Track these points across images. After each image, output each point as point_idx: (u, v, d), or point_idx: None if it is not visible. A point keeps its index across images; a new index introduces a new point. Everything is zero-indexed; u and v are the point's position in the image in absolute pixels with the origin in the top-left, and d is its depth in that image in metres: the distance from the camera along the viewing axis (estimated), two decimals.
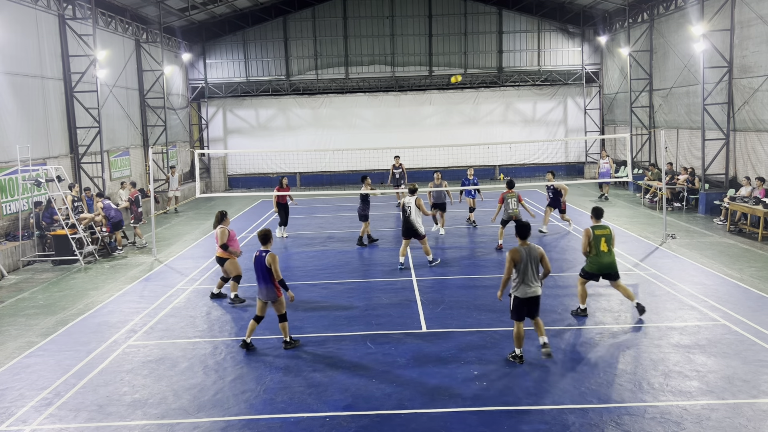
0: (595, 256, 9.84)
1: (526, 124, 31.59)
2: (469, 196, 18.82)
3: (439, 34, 31.06)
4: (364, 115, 31.61)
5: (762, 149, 18.03)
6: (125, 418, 7.26)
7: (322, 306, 11.31)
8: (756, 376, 7.79)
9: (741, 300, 10.80)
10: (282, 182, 17.71)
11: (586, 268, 10.07)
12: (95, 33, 19.80)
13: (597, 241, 9.78)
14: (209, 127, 31.91)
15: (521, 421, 6.89)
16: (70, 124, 19.49)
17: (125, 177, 23.26)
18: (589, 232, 9.84)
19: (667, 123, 24.28)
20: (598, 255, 9.82)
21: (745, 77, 18.65)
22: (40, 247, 16.10)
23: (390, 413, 7.15)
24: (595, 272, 9.97)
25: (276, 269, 8.89)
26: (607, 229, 9.90)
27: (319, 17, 30.91)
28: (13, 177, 16.28)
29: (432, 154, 30.01)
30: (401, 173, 22.04)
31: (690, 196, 20.40)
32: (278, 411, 7.30)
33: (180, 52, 29.46)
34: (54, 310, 11.61)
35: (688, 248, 14.83)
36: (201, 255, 15.99)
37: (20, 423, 7.24)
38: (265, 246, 9.15)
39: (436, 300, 11.40)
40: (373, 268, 14.14)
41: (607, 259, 9.84)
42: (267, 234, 9.22)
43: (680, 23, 22.36)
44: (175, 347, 9.48)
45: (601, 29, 29.92)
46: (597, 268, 9.92)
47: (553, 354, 8.61)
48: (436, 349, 8.99)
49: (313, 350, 9.15)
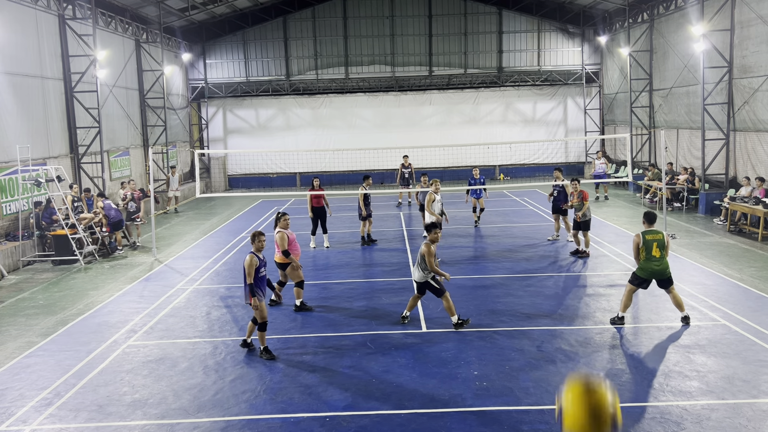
0: (645, 260, 9.55)
1: (526, 124, 31.58)
2: (474, 196, 18.53)
3: (439, 34, 31.05)
4: (364, 115, 31.61)
5: (762, 149, 18.03)
6: (125, 418, 7.26)
7: (322, 306, 11.30)
8: (756, 376, 7.78)
9: (741, 300, 10.80)
10: (313, 183, 16.01)
11: (637, 272, 9.73)
12: (95, 33, 19.80)
13: (649, 246, 9.52)
14: (209, 127, 31.91)
15: (521, 421, 6.89)
16: (70, 124, 19.49)
17: (125, 177, 23.26)
18: (639, 237, 9.57)
19: (667, 123, 24.27)
20: (648, 260, 9.53)
21: (745, 77, 18.64)
22: (40, 247, 16.10)
23: (390, 413, 7.15)
24: (645, 278, 9.64)
25: (247, 271, 8.67)
26: (659, 234, 9.62)
27: (319, 17, 30.91)
28: (13, 177, 16.28)
29: (432, 154, 30.00)
30: (410, 173, 21.88)
31: (690, 196, 20.40)
32: (278, 411, 7.30)
33: (180, 52, 29.46)
34: (54, 310, 11.61)
35: (688, 248, 14.83)
36: (201, 255, 15.99)
37: (20, 423, 7.24)
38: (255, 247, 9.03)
39: (436, 300, 11.38)
40: (373, 268, 14.14)
41: (659, 265, 9.53)
42: (254, 234, 9.11)
43: (680, 23, 22.35)
44: (175, 347, 9.48)
45: (601, 29, 29.92)
46: (648, 273, 9.60)
47: (553, 354, 8.62)
48: (436, 349, 8.99)
49: (313, 350, 9.15)
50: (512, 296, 11.46)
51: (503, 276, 12.91)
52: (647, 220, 9.87)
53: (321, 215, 15.97)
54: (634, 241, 9.64)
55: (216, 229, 19.75)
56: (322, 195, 15.82)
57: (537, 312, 10.43)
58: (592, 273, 12.96)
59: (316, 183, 16.02)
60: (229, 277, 13.70)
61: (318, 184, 15.99)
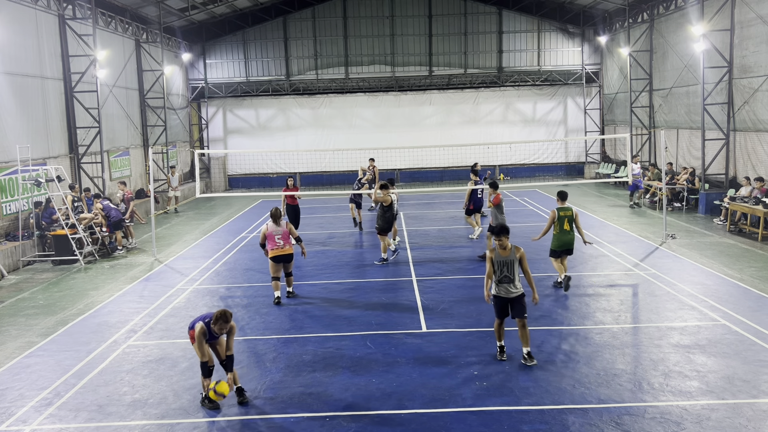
0: (559, 233, 11.32)
1: (526, 124, 31.58)
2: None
3: (439, 34, 31.05)
4: (364, 115, 31.61)
5: (762, 149, 18.03)
6: (125, 418, 7.26)
7: (322, 306, 11.31)
8: (756, 376, 7.78)
9: (741, 300, 10.80)
10: (287, 183, 17.18)
11: (553, 247, 11.49)
12: (95, 33, 19.80)
13: (561, 221, 11.30)
14: (209, 127, 31.91)
15: (521, 421, 6.89)
16: (70, 124, 19.49)
17: (125, 177, 23.28)
18: (554, 213, 11.33)
19: (667, 123, 24.28)
20: (561, 233, 11.32)
21: (745, 77, 18.64)
22: (40, 247, 16.10)
23: (390, 413, 7.15)
24: (558, 249, 11.42)
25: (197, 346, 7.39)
26: (570, 211, 11.37)
27: (319, 17, 30.90)
28: (13, 177, 16.28)
29: (432, 154, 30.01)
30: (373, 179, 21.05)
31: (690, 196, 20.40)
32: (278, 411, 7.30)
33: (180, 52, 29.46)
34: (54, 310, 11.60)
35: (688, 248, 14.83)
36: (201, 255, 15.99)
37: (20, 423, 7.24)
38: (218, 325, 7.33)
39: (436, 300, 11.40)
40: (373, 268, 14.14)
41: (567, 237, 11.34)
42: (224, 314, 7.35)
43: (680, 23, 22.35)
44: (175, 347, 9.48)
45: (601, 29, 29.92)
46: (559, 244, 11.37)
47: (554, 354, 8.62)
48: (436, 349, 8.99)
49: (313, 350, 9.15)
50: None
51: None
52: (560, 197, 11.62)
53: (295, 213, 17.17)
54: (551, 215, 11.43)
55: (216, 229, 19.75)
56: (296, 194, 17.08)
57: (537, 312, 10.42)
58: (592, 273, 12.96)
59: (290, 182, 17.20)
60: (229, 277, 13.70)
61: (292, 184, 17.19)
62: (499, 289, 8.38)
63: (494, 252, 8.37)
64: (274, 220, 11.46)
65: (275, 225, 11.46)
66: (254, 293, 12.21)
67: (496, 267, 8.32)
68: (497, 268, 8.32)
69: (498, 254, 8.34)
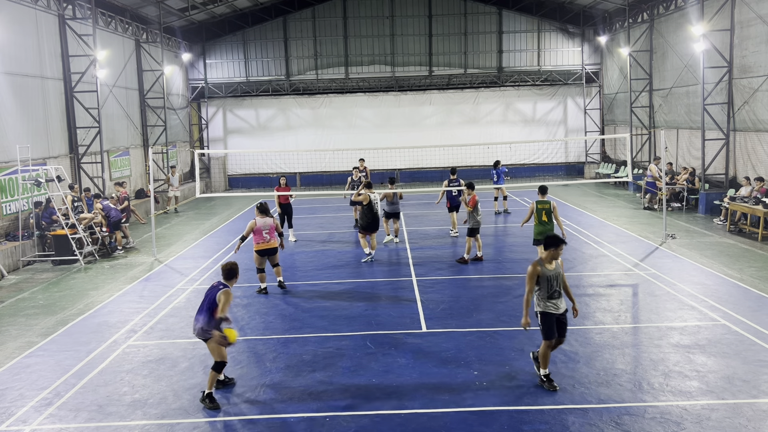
0: (539, 224, 12.32)
1: (526, 124, 31.58)
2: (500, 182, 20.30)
3: (439, 34, 31.05)
4: (364, 115, 31.61)
5: (762, 149, 18.03)
6: (125, 418, 7.26)
7: (322, 306, 11.31)
8: (756, 376, 7.78)
9: (741, 300, 10.80)
10: (280, 182, 17.37)
11: (534, 236, 12.50)
12: (95, 33, 19.80)
13: (539, 213, 12.30)
14: (209, 127, 31.91)
15: (521, 421, 6.89)
16: (70, 124, 19.49)
17: (125, 177, 23.29)
18: (534, 205, 12.39)
19: (667, 123, 24.28)
20: (541, 224, 12.30)
21: (745, 77, 18.64)
22: (40, 247, 16.10)
23: (390, 413, 7.15)
24: (539, 237, 12.23)
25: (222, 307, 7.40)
26: (548, 204, 12.31)
27: (319, 17, 30.91)
28: (13, 177, 16.28)
29: (432, 154, 30.01)
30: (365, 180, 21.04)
31: (690, 196, 20.40)
32: (278, 411, 7.30)
33: (180, 52, 29.46)
34: (54, 310, 11.61)
35: (688, 248, 14.83)
36: (201, 255, 15.99)
37: (20, 423, 7.24)
38: (228, 281, 7.82)
39: (436, 300, 11.40)
40: (373, 267, 14.14)
41: (546, 227, 12.21)
42: (232, 269, 7.86)
43: (680, 23, 22.35)
44: (175, 347, 9.48)
45: (601, 29, 29.92)
46: (538, 233, 12.32)
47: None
48: (436, 349, 8.99)
49: (313, 350, 9.15)
50: (512, 296, 11.45)
51: (503, 276, 12.91)
52: (540, 192, 12.75)
53: (288, 211, 17.34)
54: (530, 207, 12.54)
55: (216, 229, 19.76)
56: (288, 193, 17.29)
57: None
58: (592, 273, 12.96)
59: (283, 182, 17.35)
60: None
61: (284, 183, 17.33)
62: (549, 305, 7.54)
63: (540, 266, 7.49)
64: (262, 213, 11.92)
65: (263, 219, 11.88)
66: (254, 293, 12.21)
67: (544, 282, 7.45)
68: (547, 283, 7.45)
69: (545, 268, 7.47)
